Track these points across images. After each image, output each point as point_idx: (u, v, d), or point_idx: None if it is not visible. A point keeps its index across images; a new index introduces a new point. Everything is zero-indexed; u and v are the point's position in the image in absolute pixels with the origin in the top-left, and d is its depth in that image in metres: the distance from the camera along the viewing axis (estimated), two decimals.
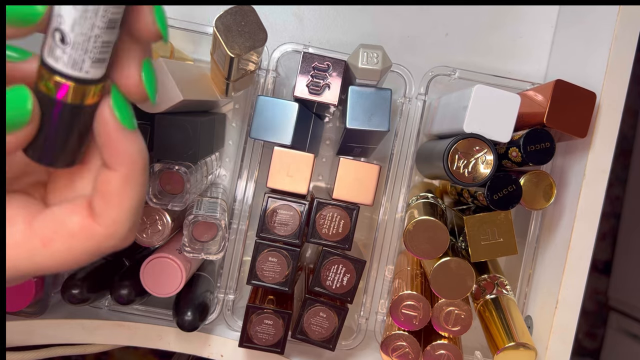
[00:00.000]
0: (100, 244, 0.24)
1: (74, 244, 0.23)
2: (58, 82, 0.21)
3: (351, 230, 0.44)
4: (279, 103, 0.44)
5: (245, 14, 0.39)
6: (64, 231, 0.23)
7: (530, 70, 0.56)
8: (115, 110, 0.23)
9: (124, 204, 0.24)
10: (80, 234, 0.23)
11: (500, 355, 0.44)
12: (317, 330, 0.46)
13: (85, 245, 0.23)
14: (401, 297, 0.45)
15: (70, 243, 0.23)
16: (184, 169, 0.43)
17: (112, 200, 0.23)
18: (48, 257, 0.23)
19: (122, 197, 0.23)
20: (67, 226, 0.23)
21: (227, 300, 0.50)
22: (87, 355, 0.91)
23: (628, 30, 0.44)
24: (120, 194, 0.23)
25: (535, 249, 0.51)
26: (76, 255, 0.23)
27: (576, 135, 0.43)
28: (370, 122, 0.43)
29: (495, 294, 0.48)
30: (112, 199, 0.23)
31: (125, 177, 0.23)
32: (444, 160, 0.42)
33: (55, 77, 0.21)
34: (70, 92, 0.22)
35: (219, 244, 0.45)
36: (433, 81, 0.50)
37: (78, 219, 0.23)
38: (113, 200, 0.23)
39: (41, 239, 0.23)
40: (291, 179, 0.44)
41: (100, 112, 0.23)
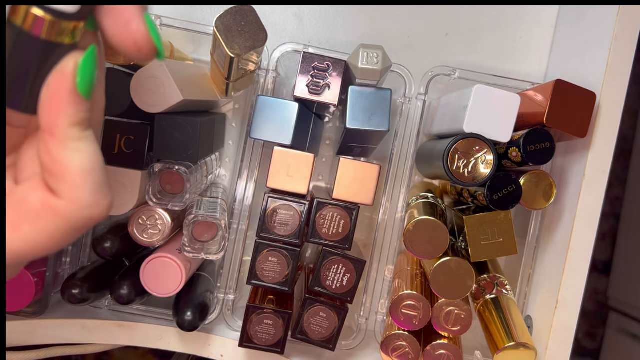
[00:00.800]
0: (69, 219, 0.21)
1: (41, 224, 0.21)
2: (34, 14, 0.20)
3: (351, 230, 0.44)
4: (279, 103, 0.44)
5: (245, 14, 0.39)
6: (28, 211, 0.21)
7: (530, 70, 0.56)
8: (79, 70, 0.21)
9: (71, 169, 0.21)
10: (44, 211, 0.21)
11: (500, 355, 0.44)
12: (317, 330, 0.46)
13: (54, 222, 0.21)
14: (401, 297, 0.45)
15: (38, 223, 0.21)
16: (184, 169, 0.43)
17: (59, 169, 0.21)
18: (21, 242, 0.21)
19: (67, 162, 0.21)
20: (30, 205, 0.21)
21: (227, 300, 0.50)
22: (87, 355, 0.91)
23: (628, 30, 0.44)
24: (64, 160, 0.21)
25: (535, 249, 0.51)
26: (49, 235, 0.21)
27: (576, 135, 0.43)
28: (370, 122, 0.43)
29: (495, 294, 0.48)
30: (58, 168, 0.21)
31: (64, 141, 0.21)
32: (444, 160, 0.42)
33: (32, 9, 0.19)
34: (45, 27, 0.20)
35: (219, 243, 0.45)
36: (433, 81, 0.50)
37: (38, 196, 0.21)
38: (59, 169, 0.21)
39: (11, 225, 0.21)
40: (291, 179, 0.44)
41: (64, 63, 0.21)
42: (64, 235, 0.21)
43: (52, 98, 0.21)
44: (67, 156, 0.21)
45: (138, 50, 0.21)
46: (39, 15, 0.20)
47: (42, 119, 0.21)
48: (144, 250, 0.51)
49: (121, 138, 0.43)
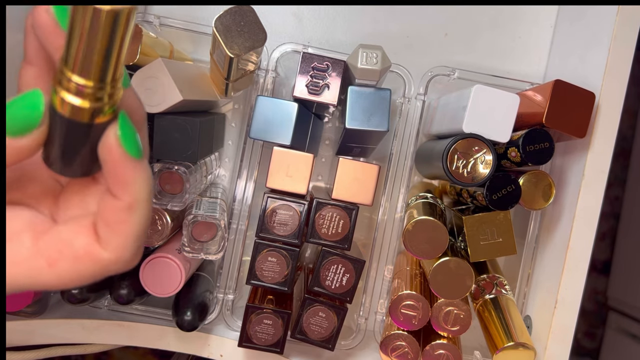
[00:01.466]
0: (105, 268, 0.23)
1: (79, 267, 0.23)
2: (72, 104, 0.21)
3: (350, 230, 0.44)
4: (278, 103, 0.44)
5: (244, 14, 0.39)
6: (70, 253, 0.23)
7: (529, 70, 0.56)
8: (121, 138, 0.22)
9: (127, 231, 0.23)
10: (86, 257, 0.23)
11: (499, 355, 0.44)
12: (316, 330, 0.46)
13: (90, 268, 0.23)
14: (400, 297, 0.45)
15: (76, 265, 0.23)
16: (183, 169, 0.43)
17: (116, 228, 0.23)
18: (53, 277, 0.23)
19: (126, 225, 0.23)
20: (72, 248, 0.23)
21: (226, 300, 0.50)
22: (87, 355, 0.91)
23: (627, 30, 0.44)
24: (124, 222, 0.23)
25: (535, 249, 0.51)
26: (81, 276, 0.23)
27: (575, 135, 0.44)
28: (369, 122, 0.43)
29: (495, 293, 0.48)
30: (116, 227, 0.23)
31: (130, 206, 0.23)
32: (443, 160, 0.42)
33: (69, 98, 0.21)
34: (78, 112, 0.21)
35: (218, 243, 0.45)
36: (432, 81, 0.50)
37: (84, 242, 0.23)
38: (117, 228, 0.23)
39: (47, 259, 0.23)
40: (290, 179, 0.44)
41: (106, 138, 0.22)
42: (92, 279, 0.24)
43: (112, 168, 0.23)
44: (130, 220, 0.23)
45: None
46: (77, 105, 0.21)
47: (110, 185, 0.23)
48: (144, 250, 0.51)
49: None
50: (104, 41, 0.20)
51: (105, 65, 0.21)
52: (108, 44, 0.20)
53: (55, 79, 0.21)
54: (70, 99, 0.21)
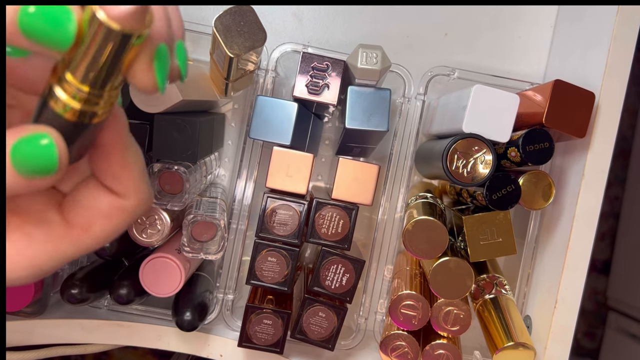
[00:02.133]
0: (132, 213, 0.25)
1: (111, 222, 0.25)
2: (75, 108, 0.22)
3: (350, 230, 0.44)
4: (278, 103, 0.44)
5: (244, 14, 0.39)
6: (99, 215, 0.25)
7: (529, 70, 0.56)
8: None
9: (133, 173, 0.25)
10: (114, 212, 0.25)
11: (499, 355, 0.44)
12: (316, 330, 0.46)
13: (121, 219, 0.25)
14: (400, 297, 0.45)
15: (109, 222, 0.25)
16: (183, 169, 0.43)
17: (123, 175, 0.25)
18: (91, 240, 0.25)
19: (129, 168, 0.25)
20: (100, 210, 0.25)
21: (226, 300, 0.50)
22: (86, 355, 0.91)
23: (627, 30, 0.44)
24: (127, 167, 0.25)
25: (534, 248, 0.51)
26: (116, 230, 0.25)
27: (575, 135, 0.44)
28: (369, 122, 0.43)
29: (494, 293, 0.48)
30: (122, 174, 0.25)
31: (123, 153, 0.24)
32: (443, 160, 0.42)
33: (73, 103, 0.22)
34: (74, 113, 0.22)
35: (218, 243, 0.45)
36: (432, 81, 0.50)
37: (106, 200, 0.25)
38: (123, 175, 0.25)
39: (81, 227, 0.24)
40: (290, 179, 0.44)
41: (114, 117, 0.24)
42: (123, 229, 0.26)
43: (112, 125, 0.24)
44: (130, 163, 0.25)
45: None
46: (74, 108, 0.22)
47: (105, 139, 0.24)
48: (143, 250, 0.51)
49: None
50: (110, 58, 0.21)
51: (107, 77, 0.21)
52: (114, 60, 0.21)
53: (54, 77, 0.22)
54: (66, 99, 0.21)
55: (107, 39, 0.20)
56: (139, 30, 0.20)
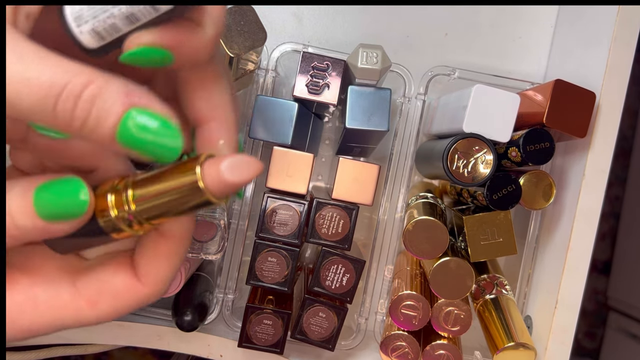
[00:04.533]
0: (142, 301, 0.24)
1: (118, 304, 0.23)
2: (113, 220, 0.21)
3: (350, 230, 0.44)
4: (278, 103, 0.44)
5: (244, 14, 0.39)
6: (109, 292, 0.23)
7: (529, 70, 0.56)
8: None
9: (168, 267, 0.24)
10: (125, 294, 0.23)
11: (499, 355, 0.44)
12: (316, 330, 0.46)
13: (128, 303, 0.24)
14: (400, 297, 0.45)
15: (115, 303, 0.23)
16: None
17: (161, 262, 0.24)
18: (94, 316, 0.23)
19: (168, 261, 0.24)
20: (112, 287, 0.23)
21: (226, 301, 0.50)
22: (86, 355, 0.91)
23: (627, 30, 0.44)
24: (167, 259, 0.24)
25: (535, 249, 0.51)
26: (119, 312, 0.24)
27: (576, 135, 0.43)
28: (369, 122, 0.43)
29: (495, 294, 0.48)
30: (162, 261, 0.24)
31: (175, 246, 0.23)
32: (444, 160, 0.42)
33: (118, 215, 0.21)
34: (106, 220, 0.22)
35: (218, 243, 0.45)
36: (432, 81, 0.50)
37: (122, 280, 0.24)
38: (162, 262, 0.24)
39: (87, 300, 0.23)
40: (290, 179, 0.44)
41: None
42: (129, 312, 0.24)
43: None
44: (170, 257, 0.24)
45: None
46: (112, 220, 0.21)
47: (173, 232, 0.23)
48: None
49: None
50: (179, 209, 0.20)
51: (159, 217, 0.21)
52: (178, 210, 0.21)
53: (112, 189, 0.21)
54: (110, 204, 0.21)
55: (190, 196, 0.20)
56: (223, 201, 0.21)
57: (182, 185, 0.20)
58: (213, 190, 0.20)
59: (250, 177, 0.20)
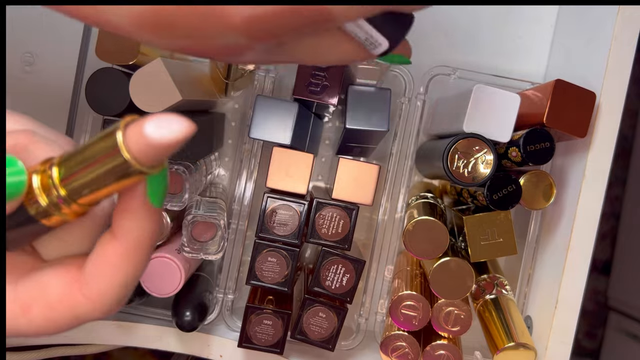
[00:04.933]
0: (80, 316, 0.21)
1: (52, 315, 0.21)
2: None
3: (350, 230, 0.44)
4: (278, 103, 0.44)
5: None
6: (43, 300, 0.21)
7: (530, 70, 0.56)
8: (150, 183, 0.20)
9: (115, 278, 0.21)
10: (60, 304, 0.21)
11: (499, 355, 0.44)
12: (316, 331, 0.46)
13: (64, 316, 0.21)
14: (401, 297, 0.45)
15: (49, 313, 0.21)
16: (183, 169, 0.42)
17: (105, 272, 0.21)
18: (26, 324, 0.21)
19: (116, 271, 0.21)
20: (47, 294, 0.21)
21: (226, 301, 0.50)
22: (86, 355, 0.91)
23: (627, 30, 0.44)
24: (116, 268, 0.21)
25: (535, 249, 0.51)
26: (56, 326, 0.21)
27: (576, 135, 0.43)
28: (369, 122, 0.43)
29: (495, 294, 0.48)
30: (105, 271, 0.21)
31: (127, 252, 0.20)
32: (444, 160, 0.42)
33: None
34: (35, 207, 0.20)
35: (218, 244, 0.45)
36: (433, 81, 0.50)
37: (60, 288, 0.21)
38: (105, 272, 0.21)
39: (21, 305, 0.21)
40: (290, 179, 0.44)
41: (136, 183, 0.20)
42: (68, 327, 0.21)
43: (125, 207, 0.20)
44: (123, 267, 0.21)
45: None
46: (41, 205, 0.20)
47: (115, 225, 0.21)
48: None
49: None
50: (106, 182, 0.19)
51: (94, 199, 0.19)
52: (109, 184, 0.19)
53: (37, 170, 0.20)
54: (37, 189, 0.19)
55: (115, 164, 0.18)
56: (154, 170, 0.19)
57: (105, 152, 0.18)
58: (135, 152, 0.17)
59: (176, 135, 0.18)
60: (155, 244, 0.22)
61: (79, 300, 0.21)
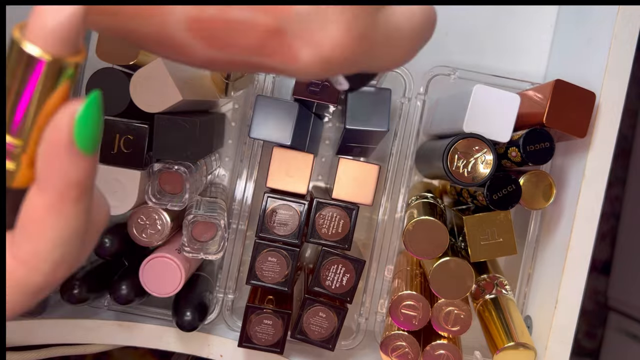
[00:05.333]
0: (20, 282, 0.19)
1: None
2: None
3: (351, 230, 0.44)
4: (278, 103, 0.44)
5: None
6: None
7: (529, 70, 0.56)
8: (78, 125, 0.18)
9: (46, 234, 0.18)
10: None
11: (499, 355, 0.44)
12: (316, 330, 0.46)
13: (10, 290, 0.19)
14: (401, 297, 0.45)
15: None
16: (183, 169, 0.43)
17: (33, 230, 0.18)
18: None
19: (45, 226, 0.18)
20: None
21: (226, 300, 0.50)
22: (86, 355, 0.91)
23: (627, 30, 0.44)
24: (44, 223, 0.18)
25: (535, 249, 0.51)
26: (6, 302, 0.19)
27: (576, 135, 0.43)
28: (369, 122, 0.43)
29: (495, 293, 0.48)
30: (33, 228, 0.18)
31: (53, 204, 0.18)
32: (444, 160, 0.42)
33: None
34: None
35: (218, 243, 0.45)
36: (433, 81, 0.50)
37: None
38: (33, 230, 0.18)
39: None
40: (291, 179, 0.44)
41: (58, 118, 0.18)
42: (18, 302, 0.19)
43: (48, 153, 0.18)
44: (48, 220, 0.18)
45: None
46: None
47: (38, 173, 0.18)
48: (143, 250, 0.51)
49: (120, 138, 0.43)
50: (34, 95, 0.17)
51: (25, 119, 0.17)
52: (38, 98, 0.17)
53: None
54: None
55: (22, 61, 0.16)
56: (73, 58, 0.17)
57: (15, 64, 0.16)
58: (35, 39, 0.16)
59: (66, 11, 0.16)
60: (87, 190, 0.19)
61: (13, 266, 0.19)
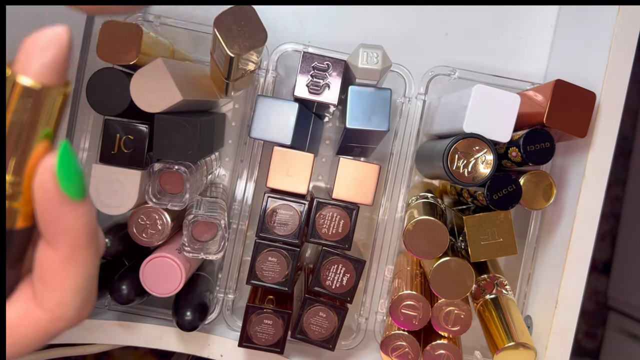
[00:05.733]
0: (46, 330, 0.20)
1: (16, 337, 0.20)
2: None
3: (351, 230, 0.44)
4: (278, 103, 0.44)
5: (245, 14, 0.39)
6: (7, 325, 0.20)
7: (530, 70, 0.56)
8: (60, 177, 0.18)
9: (66, 285, 0.20)
10: (22, 324, 0.20)
11: (499, 355, 0.44)
12: (316, 330, 0.46)
13: (29, 334, 0.20)
14: (401, 297, 0.45)
15: (13, 336, 0.20)
16: (183, 169, 0.43)
17: (52, 282, 0.20)
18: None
19: (64, 277, 0.20)
20: (8, 318, 0.20)
21: (226, 300, 0.50)
22: (87, 355, 0.91)
23: (628, 30, 0.44)
24: (62, 275, 0.20)
25: (535, 249, 0.51)
26: (23, 346, 0.20)
27: (576, 135, 0.43)
28: (370, 122, 0.43)
29: (495, 293, 0.48)
30: (52, 281, 0.20)
31: (67, 256, 0.19)
32: (444, 160, 0.42)
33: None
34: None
35: (218, 243, 0.45)
36: (433, 81, 0.50)
37: (17, 309, 0.20)
38: (53, 282, 0.20)
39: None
40: (291, 179, 0.44)
41: (40, 173, 0.18)
42: (37, 345, 0.21)
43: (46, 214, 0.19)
44: (68, 272, 0.20)
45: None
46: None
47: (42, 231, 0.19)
48: (144, 250, 0.51)
49: (121, 138, 0.43)
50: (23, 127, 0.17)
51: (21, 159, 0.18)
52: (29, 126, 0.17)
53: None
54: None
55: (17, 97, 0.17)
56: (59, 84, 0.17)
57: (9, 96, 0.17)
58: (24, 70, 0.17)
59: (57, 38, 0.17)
60: (94, 233, 0.20)
61: (39, 316, 0.20)
